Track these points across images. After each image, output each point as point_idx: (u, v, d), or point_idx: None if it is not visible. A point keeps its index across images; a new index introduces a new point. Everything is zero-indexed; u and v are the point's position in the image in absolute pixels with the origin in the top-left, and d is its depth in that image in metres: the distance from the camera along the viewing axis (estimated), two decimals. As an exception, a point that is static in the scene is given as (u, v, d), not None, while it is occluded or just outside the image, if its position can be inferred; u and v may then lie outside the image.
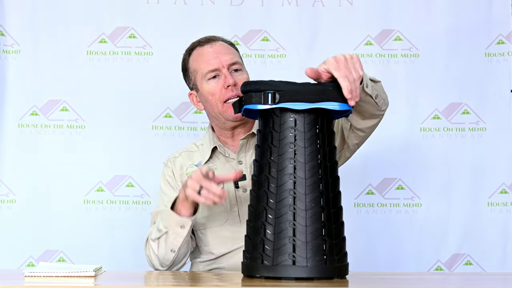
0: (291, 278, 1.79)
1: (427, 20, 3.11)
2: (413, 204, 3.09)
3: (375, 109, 2.13)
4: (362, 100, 2.03)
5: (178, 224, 2.15)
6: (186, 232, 2.16)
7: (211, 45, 2.34)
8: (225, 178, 2.10)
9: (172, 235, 2.17)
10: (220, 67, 2.29)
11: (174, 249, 2.18)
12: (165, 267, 2.23)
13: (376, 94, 2.06)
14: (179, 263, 2.24)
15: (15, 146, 3.02)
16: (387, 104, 2.16)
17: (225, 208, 2.28)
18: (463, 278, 2.33)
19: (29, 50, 3.04)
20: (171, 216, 2.16)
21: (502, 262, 3.06)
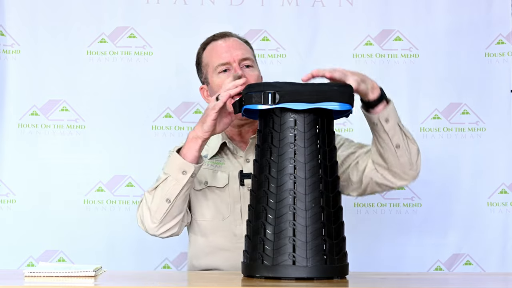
0: (291, 278, 1.79)
1: (427, 20, 3.11)
2: (413, 204, 3.09)
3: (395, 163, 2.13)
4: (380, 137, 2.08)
5: (181, 169, 2.10)
6: (187, 179, 2.11)
7: (224, 40, 2.35)
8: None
9: (171, 181, 2.12)
10: (231, 61, 2.30)
11: (170, 199, 2.12)
12: (155, 223, 2.16)
13: (397, 143, 2.09)
14: (170, 221, 2.17)
15: (15, 146, 3.02)
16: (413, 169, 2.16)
17: (228, 204, 2.29)
18: (463, 278, 2.33)
19: (29, 50, 3.04)
20: (174, 159, 2.12)
21: (502, 262, 3.06)
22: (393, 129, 2.08)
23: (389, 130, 2.08)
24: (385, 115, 2.06)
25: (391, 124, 2.08)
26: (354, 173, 2.24)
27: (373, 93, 2.05)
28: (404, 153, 2.12)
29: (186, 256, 2.43)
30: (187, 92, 3.04)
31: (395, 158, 2.12)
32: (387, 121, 2.07)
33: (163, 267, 3.03)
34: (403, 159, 2.13)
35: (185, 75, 3.06)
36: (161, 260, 3.03)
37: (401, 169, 2.15)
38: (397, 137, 2.10)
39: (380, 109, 2.07)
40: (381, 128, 2.08)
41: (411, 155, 2.14)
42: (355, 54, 3.10)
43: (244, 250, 1.89)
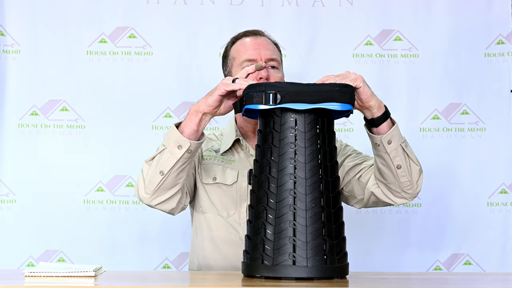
0: (291, 278, 1.79)
1: (427, 20, 3.11)
2: (412, 204, 3.09)
3: (395, 182, 2.13)
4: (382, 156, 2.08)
5: (176, 143, 2.08)
6: (181, 154, 2.08)
7: (255, 38, 2.36)
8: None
9: (166, 154, 2.09)
10: (258, 59, 2.30)
11: (163, 171, 2.10)
12: (148, 194, 2.13)
13: (398, 164, 2.09)
14: (163, 194, 2.14)
15: (15, 146, 3.02)
16: (413, 189, 2.16)
17: (234, 202, 2.29)
18: (463, 278, 2.33)
19: (29, 50, 3.04)
20: (171, 133, 2.10)
21: (502, 262, 3.06)
22: (395, 150, 2.08)
23: (391, 152, 2.08)
24: (388, 137, 2.06)
25: (393, 145, 2.08)
26: (357, 186, 2.25)
27: (379, 110, 2.04)
28: (405, 173, 2.12)
29: (186, 256, 2.43)
30: (187, 92, 3.04)
31: (396, 177, 2.13)
32: (390, 143, 2.07)
33: (163, 267, 3.03)
34: (403, 179, 2.13)
35: (185, 75, 3.06)
36: (161, 260, 3.03)
37: (400, 188, 2.15)
38: (399, 159, 2.10)
39: (383, 129, 2.06)
40: (383, 149, 2.08)
41: (412, 175, 2.14)
42: (355, 54, 3.10)
43: (244, 250, 1.89)
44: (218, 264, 2.29)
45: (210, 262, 2.30)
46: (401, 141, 2.09)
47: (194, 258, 2.35)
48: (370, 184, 2.21)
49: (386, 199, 2.19)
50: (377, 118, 2.04)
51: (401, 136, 2.10)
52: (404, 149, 2.10)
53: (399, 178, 2.12)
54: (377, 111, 2.04)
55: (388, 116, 2.06)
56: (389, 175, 2.13)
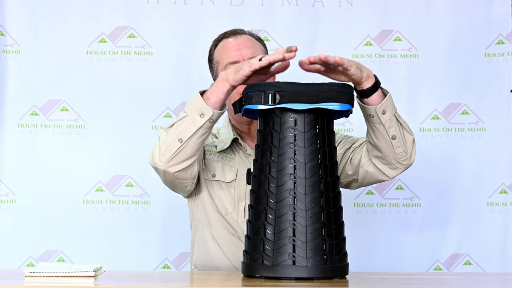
0: (291, 278, 1.79)
1: (427, 20, 3.11)
2: (412, 204, 3.09)
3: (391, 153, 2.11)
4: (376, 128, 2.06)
5: (199, 111, 2.03)
6: (203, 122, 2.03)
7: (235, 38, 2.34)
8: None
9: (187, 121, 2.04)
10: (241, 59, 2.27)
11: (182, 139, 2.04)
12: (163, 162, 2.07)
13: (393, 134, 2.07)
14: (179, 163, 2.08)
15: (15, 146, 3.02)
16: (408, 159, 2.14)
17: (232, 200, 2.29)
18: (462, 278, 2.33)
19: (29, 50, 3.04)
20: (195, 100, 2.05)
21: (502, 262, 3.06)
22: (390, 120, 2.06)
23: (386, 122, 2.06)
24: (382, 107, 2.04)
25: (387, 115, 2.05)
26: (350, 166, 2.24)
27: (368, 81, 2.01)
28: (400, 144, 2.10)
29: (186, 256, 2.43)
30: (187, 92, 3.04)
31: (391, 149, 2.10)
32: (384, 113, 2.04)
33: (163, 267, 3.03)
34: (399, 149, 2.11)
35: (185, 75, 3.06)
36: (161, 260, 3.03)
37: (395, 159, 2.13)
38: (394, 129, 2.07)
39: (375, 99, 2.03)
40: (378, 120, 2.05)
41: (406, 145, 2.12)
42: (355, 55, 3.10)
43: (244, 250, 1.89)
44: (220, 259, 2.28)
45: (212, 257, 2.29)
46: (394, 111, 2.07)
47: (197, 253, 2.34)
48: (363, 161, 2.20)
49: (380, 174, 2.18)
50: (367, 90, 2.02)
51: (394, 106, 2.07)
52: (398, 118, 2.09)
53: (394, 149, 2.10)
54: (366, 83, 2.01)
55: (378, 86, 2.04)
56: (384, 147, 2.10)
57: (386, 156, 2.13)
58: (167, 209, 3.02)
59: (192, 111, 2.05)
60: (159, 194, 2.99)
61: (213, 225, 2.30)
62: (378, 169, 2.17)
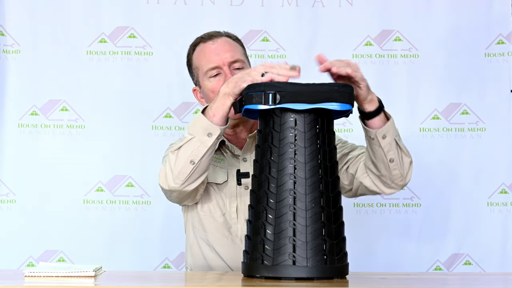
0: (291, 278, 1.79)
1: (427, 20, 3.11)
2: (412, 204, 3.09)
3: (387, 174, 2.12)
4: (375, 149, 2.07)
5: (206, 131, 2.02)
6: (212, 141, 2.03)
7: (213, 42, 2.31)
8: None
9: (196, 143, 2.03)
10: (221, 64, 2.27)
11: (194, 161, 2.04)
12: (178, 184, 2.08)
13: (391, 158, 2.08)
14: (195, 181, 2.09)
15: (15, 146, 3.02)
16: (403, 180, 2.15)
17: (224, 202, 2.29)
18: (462, 278, 2.33)
19: (29, 50, 3.05)
20: (199, 120, 2.03)
21: (502, 262, 3.06)
22: (389, 144, 2.08)
23: (385, 146, 2.07)
24: (383, 131, 2.05)
25: (387, 140, 2.07)
26: (345, 176, 2.24)
27: (371, 105, 2.03)
28: (397, 166, 2.12)
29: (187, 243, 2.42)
30: (187, 92, 3.02)
31: (387, 170, 2.12)
32: (384, 137, 2.06)
33: (163, 267, 3.03)
34: (395, 171, 2.13)
35: (185, 75, 3.04)
36: (161, 260, 3.04)
37: (391, 179, 2.15)
38: (392, 152, 2.09)
39: (376, 123, 2.05)
40: (377, 143, 2.07)
41: (403, 167, 2.13)
42: (355, 55, 3.10)
43: (244, 250, 1.89)
44: (216, 264, 2.28)
45: (209, 262, 2.29)
46: (395, 135, 2.08)
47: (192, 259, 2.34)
48: (359, 174, 2.19)
49: (375, 188, 2.18)
50: (369, 113, 2.03)
51: (395, 130, 2.09)
52: (398, 142, 2.10)
53: (391, 171, 2.11)
54: (369, 106, 2.02)
55: (381, 110, 2.05)
56: (381, 167, 2.12)
57: (382, 176, 2.14)
58: (167, 209, 3.01)
59: (198, 132, 2.04)
60: (160, 194, 2.95)
61: (208, 230, 2.29)
62: (373, 183, 2.18)
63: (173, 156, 2.08)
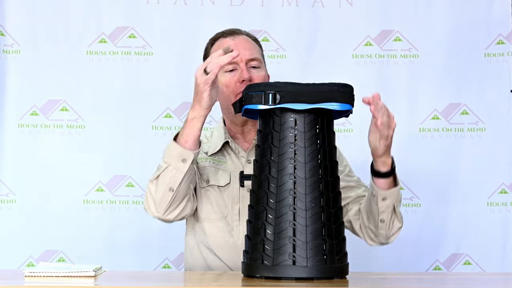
0: (291, 278, 1.79)
1: (427, 21, 3.11)
2: (412, 204, 3.09)
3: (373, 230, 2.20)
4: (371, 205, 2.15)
5: (180, 158, 2.07)
6: (187, 167, 2.08)
7: (233, 38, 2.32)
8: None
9: (172, 171, 2.09)
10: (238, 61, 2.26)
11: (173, 188, 2.10)
12: (160, 213, 2.13)
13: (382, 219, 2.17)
14: (177, 207, 2.14)
15: (15, 146, 3.02)
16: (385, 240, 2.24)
17: (227, 204, 2.28)
18: (462, 278, 2.33)
19: (29, 50, 3.05)
20: (172, 148, 2.09)
21: (502, 262, 3.06)
22: (386, 208, 2.15)
23: (381, 207, 2.14)
24: (385, 194, 2.12)
25: (386, 203, 2.14)
26: None
27: (383, 166, 2.10)
28: (385, 227, 2.19)
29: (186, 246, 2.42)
30: (187, 92, 3.01)
31: (375, 227, 2.20)
32: (384, 200, 2.13)
33: (163, 267, 3.03)
34: (382, 231, 2.20)
35: (185, 75, 3.06)
36: (161, 260, 3.03)
37: (376, 235, 2.23)
38: (385, 215, 2.16)
39: (382, 184, 2.12)
40: (375, 201, 2.14)
41: (391, 230, 2.21)
42: (355, 55, 3.10)
43: (244, 250, 1.89)
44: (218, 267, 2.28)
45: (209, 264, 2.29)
46: (395, 201, 2.15)
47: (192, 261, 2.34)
48: (351, 214, 2.27)
49: (360, 234, 2.27)
50: (378, 171, 2.11)
51: (398, 196, 2.16)
52: (395, 209, 2.17)
53: (378, 229, 2.20)
54: (381, 166, 2.10)
55: (391, 175, 2.11)
56: (371, 222, 2.20)
57: (369, 229, 2.22)
58: (167, 209, 3.02)
59: (172, 159, 2.09)
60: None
61: (208, 234, 2.28)
62: (360, 230, 2.26)
63: (153, 186, 2.13)
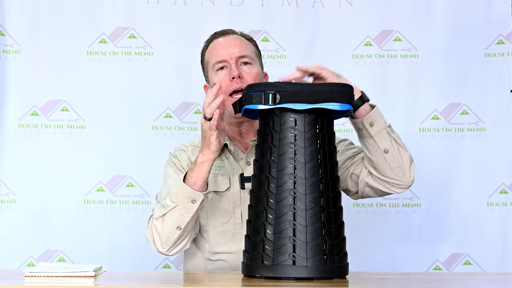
0: (291, 278, 1.79)
1: (427, 21, 3.11)
2: (412, 204, 3.09)
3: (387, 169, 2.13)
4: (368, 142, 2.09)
5: (190, 198, 2.11)
6: (197, 207, 2.12)
7: (224, 37, 2.34)
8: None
9: (181, 210, 2.12)
10: (228, 58, 2.28)
11: (180, 226, 2.13)
12: (166, 248, 2.18)
13: (385, 148, 2.09)
14: (181, 243, 2.19)
15: (15, 146, 3.02)
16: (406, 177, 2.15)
17: (228, 208, 2.28)
18: (462, 277, 2.33)
19: (29, 50, 3.04)
20: (183, 190, 2.11)
21: (502, 262, 3.06)
22: (379, 134, 2.08)
23: (375, 135, 2.08)
24: (369, 119, 2.07)
25: (376, 128, 2.08)
26: (350, 181, 2.24)
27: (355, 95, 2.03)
28: (394, 158, 2.11)
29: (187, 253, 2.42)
30: (187, 92, 3.04)
31: (386, 164, 2.12)
32: (372, 125, 2.07)
33: (163, 267, 3.03)
34: (394, 164, 2.12)
35: (185, 75, 3.06)
36: (161, 260, 3.03)
37: (394, 176, 2.14)
38: (385, 142, 2.09)
39: (361, 112, 2.07)
40: (366, 133, 2.08)
41: (403, 161, 2.13)
42: (355, 55, 3.10)
43: (244, 250, 1.89)
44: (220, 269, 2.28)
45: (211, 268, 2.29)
46: (385, 125, 2.09)
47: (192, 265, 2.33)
48: (363, 175, 2.20)
49: (381, 187, 2.18)
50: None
51: (384, 120, 2.10)
52: (390, 133, 2.10)
53: (389, 164, 2.11)
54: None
55: (365, 100, 2.07)
56: (379, 162, 2.12)
57: (384, 172, 2.14)
58: (167, 209, 3.02)
59: (182, 200, 2.12)
60: (159, 194, 2.99)
61: (212, 241, 2.28)
62: (378, 183, 2.18)
63: (159, 223, 2.15)
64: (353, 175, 2.23)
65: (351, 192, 2.28)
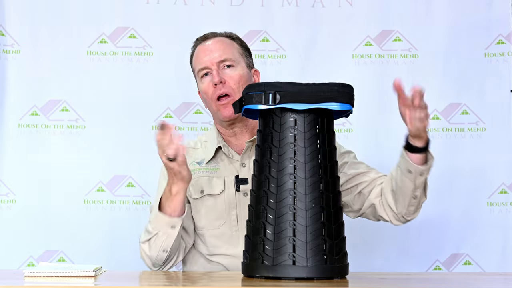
0: (291, 278, 1.79)
1: (427, 21, 3.11)
2: (412, 204, 3.09)
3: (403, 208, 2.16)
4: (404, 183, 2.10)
5: (169, 225, 2.14)
6: (177, 231, 2.15)
7: (205, 43, 2.34)
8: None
9: (162, 236, 2.15)
10: (210, 65, 2.29)
11: (166, 249, 2.17)
12: (157, 267, 2.21)
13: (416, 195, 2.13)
14: (172, 260, 2.22)
15: (15, 146, 3.02)
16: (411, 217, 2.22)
17: (223, 210, 2.28)
18: (462, 277, 2.33)
19: (29, 50, 3.04)
20: (160, 218, 2.14)
21: (502, 262, 3.06)
22: (421, 184, 2.11)
23: (418, 183, 2.10)
24: (424, 170, 2.07)
25: (422, 179, 2.09)
26: (357, 198, 2.25)
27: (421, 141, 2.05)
28: (416, 203, 2.16)
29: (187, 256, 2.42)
30: (187, 92, 3.04)
31: (405, 203, 2.15)
32: (422, 175, 2.08)
33: (163, 267, 3.03)
34: (411, 208, 2.17)
35: (185, 75, 3.05)
36: (161, 260, 3.03)
37: (403, 212, 2.18)
38: (419, 191, 2.12)
39: (419, 159, 2.06)
40: (412, 179, 2.08)
41: (419, 206, 2.18)
42: (355, 55, 3.10)
43: (244, 250, 1.89)
44: None
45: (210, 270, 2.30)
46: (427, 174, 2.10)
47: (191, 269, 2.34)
48: (372, 196, 2.22)
49: (384, 215, 2.22)
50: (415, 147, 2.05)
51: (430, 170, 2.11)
52: (426, 184, 2.13)
53: (408, 206, 2.16)
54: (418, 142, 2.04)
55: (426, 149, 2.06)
56: (400, 200, 2.15)
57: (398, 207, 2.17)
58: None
59: (162, 228, 2.15)
60: (159, 194, 2.99)
61: (209, 244, 2.29)
62: (384, 210, 2.21)
63: (146, 247, 2.19)
64: (362, 194, 2.24)
65: (352, 209, 2.28)
